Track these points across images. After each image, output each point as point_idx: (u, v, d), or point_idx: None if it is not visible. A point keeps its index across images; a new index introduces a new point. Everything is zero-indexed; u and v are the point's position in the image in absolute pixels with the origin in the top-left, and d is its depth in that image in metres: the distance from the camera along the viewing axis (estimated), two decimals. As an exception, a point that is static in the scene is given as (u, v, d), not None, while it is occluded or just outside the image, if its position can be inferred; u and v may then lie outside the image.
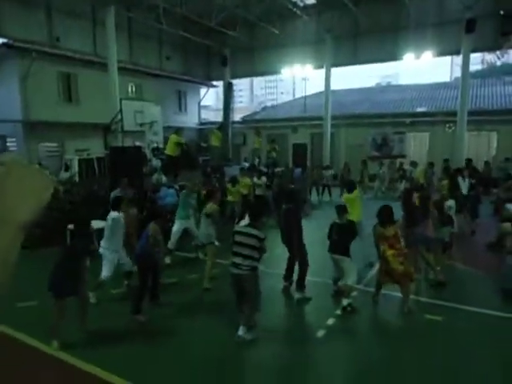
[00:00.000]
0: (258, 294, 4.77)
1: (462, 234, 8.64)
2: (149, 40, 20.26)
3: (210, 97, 46.46)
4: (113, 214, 5.75)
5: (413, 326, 5.25)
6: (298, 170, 15.59)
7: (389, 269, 5.40)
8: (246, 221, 4.83)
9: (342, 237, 5.56)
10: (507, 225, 8.04)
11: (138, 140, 15.53)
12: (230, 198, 9.90)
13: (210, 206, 6.56)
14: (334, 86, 20.93)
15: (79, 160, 13.57)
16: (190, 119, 24.27)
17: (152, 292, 5.67)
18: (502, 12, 15.27)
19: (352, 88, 28.13)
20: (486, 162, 17.16)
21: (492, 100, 19.63)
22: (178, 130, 12.43)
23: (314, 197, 14.80)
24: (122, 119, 13.12)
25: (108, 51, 14.71)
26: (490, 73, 30.40)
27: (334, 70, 19.66)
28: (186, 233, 7.83)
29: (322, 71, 19.62)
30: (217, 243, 6.63)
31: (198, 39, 19.61)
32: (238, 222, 5.69)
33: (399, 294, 5.61)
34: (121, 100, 13.54)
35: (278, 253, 6.91)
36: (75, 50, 16.31)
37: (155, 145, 13.92)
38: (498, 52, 15.44)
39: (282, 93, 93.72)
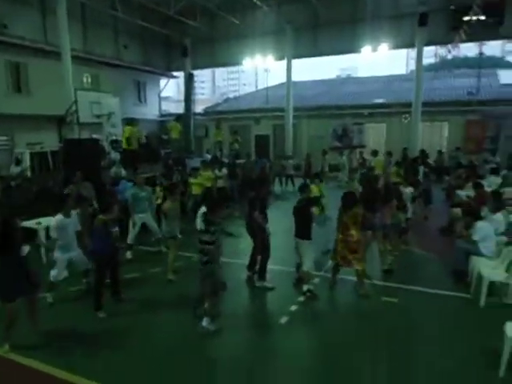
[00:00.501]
0: (214, 284, 4.75)
1: (416, 219, 9.05)
2: (104, 28, 19.42)
3: (171, 88, 45.53)
4: (57, 218, 5.49)
5: (370, 309, 5.47)
6: (263, 161, 15.67)
7: (338, 251, 5.69)
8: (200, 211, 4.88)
9: (296, 219, 5.67)
10: (457, 210, 8.53)
11: (95, 132, 14.93)
12: (192, 190, 9.78)
13: (166, 205, 6.46)
14: (295, 78, 21.10)
15: (31, 154, 12.88)
16: (150, 111, 23.64)
17: (112, 288, 5.54)
18: (452, 7, 15.94)
19: (313, 80, 28.49)
20: (439, 151, 18.03)
21: (443, 92, 20.56)
22: (132, 121, 12.04)
23: (277, 187, 14.96)
24: (77, 111, 12.56)
25: (60, 39, 13.97)
26: (442, 66, 31.77)
27: (296, 62, 19.81)
28: (146, 227, 7.70)
29: (284, 62, 19.72)
30: (180, 236, 6.57)
31: (157, 28, 19.06)
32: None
33: (355, 279, 5.84)
34: (75, 90, 12.94)
35: (243, 243, 6.94)
36: (24, 38, 15.35)
37: (114, 137, 13.44)
38: (449, 46, 16.03)
39: (244, 84, 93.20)
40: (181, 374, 4.03)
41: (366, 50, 17.92)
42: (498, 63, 32.18)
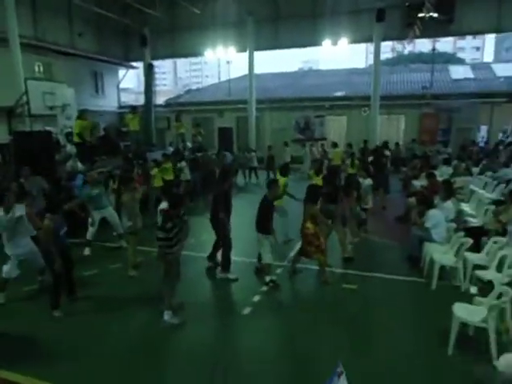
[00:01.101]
0: (171, 278, 4.71)
1: (374, 209, 9.38)
2: (57, 14, 18.42)
3: (131, 79, 44.01)
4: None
5: (331, 296, 5.64)
6: (227, 154, 15.59)
7: (304, 246, 5.87)
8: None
9: (258, 214, 5.73)
10: (413, 199, 8.91)
11: (49, 125, 14.20)
12: (155, 183, 9.59)
13: (124, 197, 6.29)
14: (258, 70, 21.08)
15: (-22, 147, 12.05)
16: (108, 102, 22.82)
17: (67, 287, 5.33)
18: (407, 4, 16.48)
19: (275, 72, 28.60)
20: (397, 143, 18.73)
21: (400, 86, 21.32)
22: (82, 115, 11.53)
23: (240, 179, 14.97)
24: (28, 102, 11.88)
25: (7, 25, 13.10)
26: (399, 61, 32.98)
27: (258, 54, 19.78)
28: (106, 222, 7.48)
29: (246, 54, 19.62)
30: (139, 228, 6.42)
31: (114, 16, 18.31)
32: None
33: (316, 267, 5.99)
34: (26, 80, 12.23)
35: (205, 235, 6.91)
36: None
37: (69, 129, 12.85)
38: (405, 41, 16.62)
39: (207, 76, 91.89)
40: (144, 372, 3.96)
41: (327, 43, 18.19)
42: (450, 59, 33.83)
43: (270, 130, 21.64)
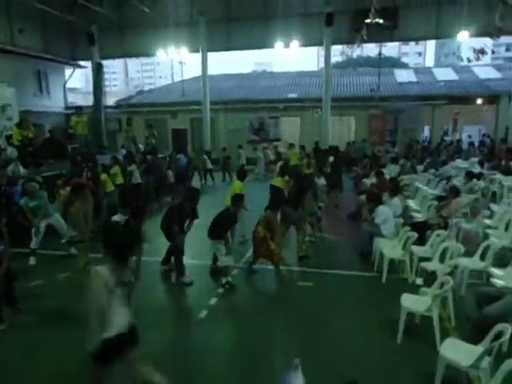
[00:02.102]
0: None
1: (328, 207, 9.66)
2: (-6, 9, 17.22)
3: (79, 79, 42.23)
4: None
5: (287, 294, 5.72)
6: (182, 156, 15.36)
7: (255, 248, 5.95)
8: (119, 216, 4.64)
9: (220, 222, 5.73)
10: (364, 197, 9.29)
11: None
12: (106, 188, 9.21)
13: (74, 209, 5.99)
14: (212, 71, 20.98)
15: None
16: (54, 103, 21.63)
17: (9, 299, 4.99)
18: (354, 9, 17.14)
19: (229, 73, 28.61)
20: (348, 144, 19.44)
21: (350, 88, 22.15)
22: (22, 122, 10.91)
23: (196, 182, 14.80)
24: (-39, 102, 11.01)
25: None
26: (348, 64, 34.23)
27: (212, 55, 19.68)
28: (53, 229, 7.09)
29: (199, 55, 19.43)
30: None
31: (59, 13, 17.41)
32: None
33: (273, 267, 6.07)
34: (-41, 79, 11.32)
35: (159, 240, 6.75)
36: None
37: (10, 132, 12.04)
38: (354, 45, 17.28)
39: (160, 77, 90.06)
40: None
41: (279, 45, 18.47)
42: (395, 63, 35.63)
43: (224, 131, 21.61)
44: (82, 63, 23.01)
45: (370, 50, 38.21)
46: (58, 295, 5.70)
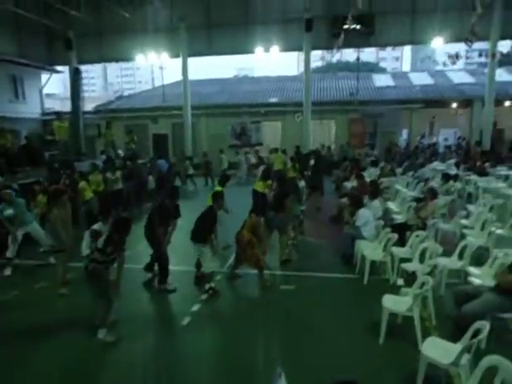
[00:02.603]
0: (105, 291, 4.49)
1: (309, 210, 9.73)
2: (-35, 12, 16.73)
3: (56, 84, 41.42)
4: None
5: (270, 298, 5.72)
6: (162, 162, 15.23)
7: (239, 252, 5.90)
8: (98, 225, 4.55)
9: (197, 225, 5.67)
10: (344, 200, 9.40)
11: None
12: (85, 196, 9.00)
13: (52, 215, 5.81)
14: (193, 76, 20.89)
15: None
16: (30, 108, 21.13)
17: None
18: (332, 16, 17.43)
19: (210, 78, 28.59)
20: (328, 147, 19.67)
21: (330, 93, 22.45)
22: None
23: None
24: None
25: None
26: (328, 69, 34.74)
27: (193, 60, 19.61)
28: (30, 238, 6.90)
29: (180, 60, 19.35)
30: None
31: (35, 17, 17.03)
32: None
33: (256, 271, 6.05)
34: None
35: (141, 247, 6.67)
36: None
37: (-16, 139, 11.72)
38: (333, 50, 17.54)
39: (140, 81, 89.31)
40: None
41: (259, 51, 18.58)
42: (373, 68, 36.37)
43: (206, 135, 21.54)
44: (59, 68, 22.58)
45: (349, 55, 38.87)
46: (34, 305, 5.54)
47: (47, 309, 5.46)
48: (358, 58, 22.83)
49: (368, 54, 50.20)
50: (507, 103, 19.18)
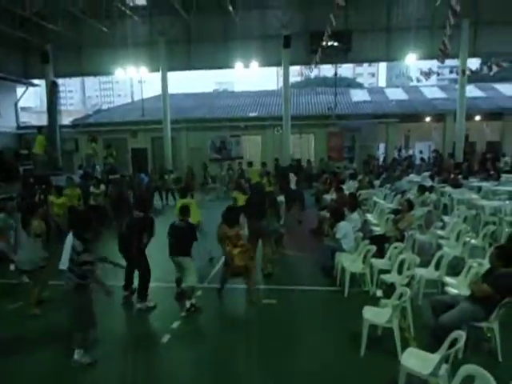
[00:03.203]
0: (81, 311, 4.34)
1: (289, 223, 9.77)
2: None
3: (31, 97, 40.71)
4: None
5: (250, 313, 5.69)
6: (142, 176, 15.06)
7: (234, 266, 5.72)
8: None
9: (181, 239, 5.61)
10: (324, 213, 9.50)
11: None
12: (55, 211, 8.75)
13: (38, 225, 5.67)
14: (172, 90, 20.91)
15: None
16: (4, 122, 20.62)
17: None
18: (310, 33, 17.88)
19: (190, 92, 28.68)
20: (308, 161, 19.91)
21: (309, 107, 22.86)
22: None
23: (157, 202, 14.52)
24: None
25: None
26: (306, 84, 35.42)
27: (172, 74, 19.65)
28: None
29: (159, 74, 19.36)
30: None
31: (10, 30, 16.78)
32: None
33: (241, 286, 5.98)
34: None
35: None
36: None
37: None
38: (311, 66, 17.94)
39: (119, 95, 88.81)
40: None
41: (239, 66, 18.82)
42: (351, 83, 37.32)
43: (186, 149, 21.49)
44: (35, 81, 22.23)
45: (327, 70, 39.78)
46: (6, 326, 5.31)
47: (21, 329, 5.24)
48: (335, 74, 23.43)
49: (345, 70, 51.64)
50: (477, 117, 19.98)
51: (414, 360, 3.52)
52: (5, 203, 6.80)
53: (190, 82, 44.64)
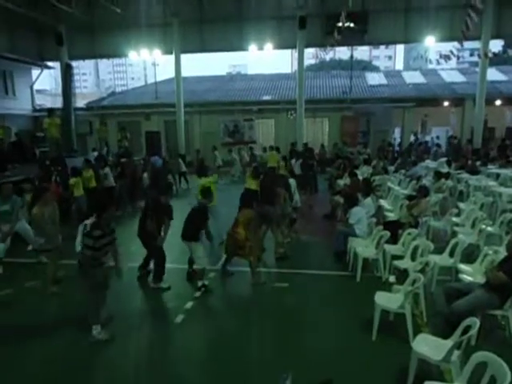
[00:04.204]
0: (98, 289, 4.46)
1: (303, 208, 9.74)
2: (-47, 6, 16.42)
3: (47, 80, 40.95)
4: None
5: (263, 296, 5.73)
6: (156, 159, 15.12)
7: (227, 245, 5.89)
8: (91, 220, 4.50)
9: (190, 222, 5.66)
10: (337, 198, 9.45)
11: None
12: (74, 192, 8.92)
13: (34, 210, 5.69)
14: (186, 73, 20.79)
15: None
16: (20, 105, 20.88)
17: None
18: (326, 13, 17.45)
19: (204, 75, 28.47)
20: (322, 145, 19.72)
21: (323, 91, 22.49)
22: None
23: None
24: None
25: None
26: (321, 67, 34.80)
27: (186, 57, 19.50)
28: (19, 236, 6.82)
29: (173, 57, 19.23)
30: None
31: (24, 11, 16.78)
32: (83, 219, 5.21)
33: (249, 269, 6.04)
34: None
35: (134, 247, 6.65)
36: None
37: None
38: (327, 48, 17.56)
39: (132, 78, 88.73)
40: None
41: (253, 48, 18.54)
42: (366, 66, 36.49)
43: (199, 133, 21.48)
44: (50, 64, 22.34)
45: (343, 53, 38.98)
46: (25, 304, 5.48)
47: (38, 307, 5.41)
48: (351, 56, 22.92)
49: (361, 53, 50.42)
50: (498, 102, 19.37)
51: (426, 346, 3.52)
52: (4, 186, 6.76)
53: (203, 64, 44.30)
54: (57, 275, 5.89)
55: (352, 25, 16.34)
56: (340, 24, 14.02)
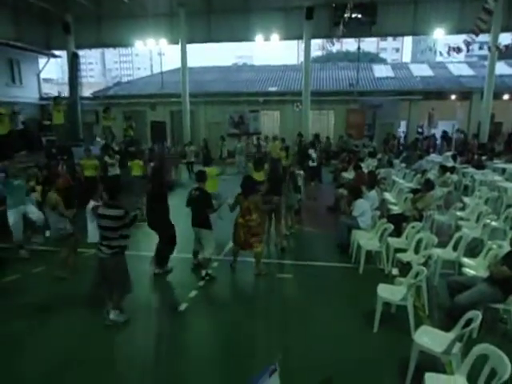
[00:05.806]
0: (126, 276, 4.55)
1: (307, 200, 9.77)
2: (-39, -6, 16.45)
3: (54, 69, 41.00)
4: None
5: (266, 286, 5.80)
6: (159, 149, 15.19)
7: (236, 235, 5.85)
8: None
9: (197, 208, 5.70)
10: (342, 190, 9.45)
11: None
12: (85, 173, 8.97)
13: (50, 196, 5.75)
14: (192, 63, 20.70)
15: None
16: (27, 93, 20.92)
17: None
18: (333, 4, 17.25)
19: (209, 66, 28.32)
20: (327, 138, 19.64)
21: (330, 83, 22.31)
22: None
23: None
24: None
25: None
26: (328, 58, 34.50)
27: (192, 47, 19.42)
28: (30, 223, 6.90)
29: (179, 47, 19.15)
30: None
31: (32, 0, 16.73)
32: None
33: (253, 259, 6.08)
34: None
35: (141, 234, 6.72)
36: None
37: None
38: (333, 40, 17.39)
39: (138, 68, 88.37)
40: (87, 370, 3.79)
41: (259, 38, 18.41)
42: (373, 59, 36.11)
43: (204, 124, 21.45)
44: (56, 53, 22.33)
45: (350, 44, 38.56)
46: (36, 289, 5.59)
47: (49, 292, 5.50)
48: (358, 48, 22.68)
49: (368, 44, 49.79)
50: (506, 96, 19.15)
51: (428, 338, 3.56)
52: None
53: (209, 55, 44.04)
54: (69, 261, 5.90)
55: (360, 16, 16.20)
56: (347, 15, 13.90)
